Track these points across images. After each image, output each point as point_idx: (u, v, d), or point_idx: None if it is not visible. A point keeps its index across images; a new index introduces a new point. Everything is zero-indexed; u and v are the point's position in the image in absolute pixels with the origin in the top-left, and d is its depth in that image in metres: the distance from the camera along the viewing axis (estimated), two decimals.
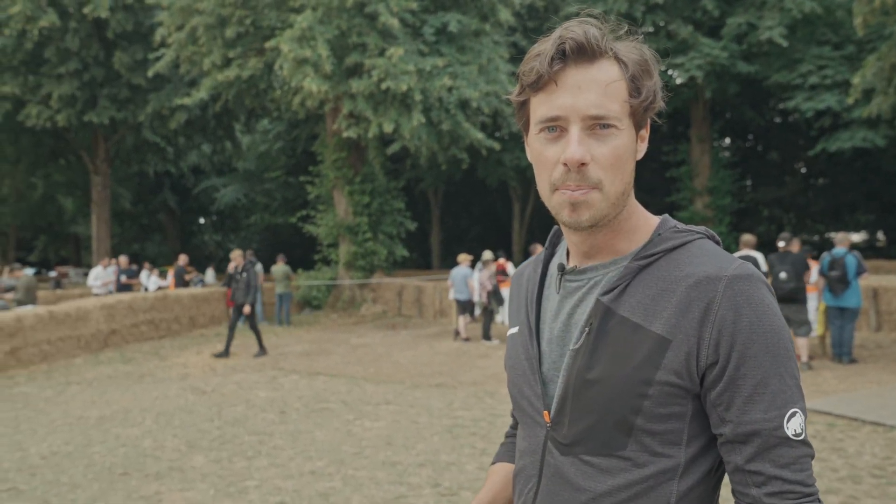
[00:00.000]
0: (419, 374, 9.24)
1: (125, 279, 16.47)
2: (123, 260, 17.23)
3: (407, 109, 14.69)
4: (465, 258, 12.53)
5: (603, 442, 1.00)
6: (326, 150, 18.15)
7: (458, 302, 12.39)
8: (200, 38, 15.54)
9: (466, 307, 12.32)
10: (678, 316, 0.97)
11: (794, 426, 0.94)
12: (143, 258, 34.41)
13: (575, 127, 0.97)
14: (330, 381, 8.86)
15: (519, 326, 1.18)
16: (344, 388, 8.31)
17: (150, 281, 16.64)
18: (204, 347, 12.22)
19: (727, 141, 28.93)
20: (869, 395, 6.97)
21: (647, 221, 1.09)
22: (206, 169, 33.49)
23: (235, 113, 23.85)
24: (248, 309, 10.84)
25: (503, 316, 13.16)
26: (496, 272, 12.44)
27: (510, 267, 13.95)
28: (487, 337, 11.83)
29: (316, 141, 21.12)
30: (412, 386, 8.37)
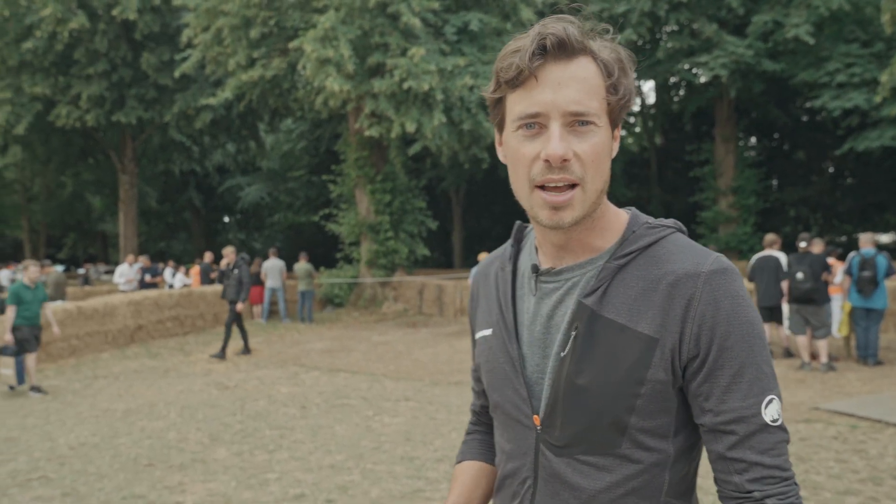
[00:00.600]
0: (438, 371, 9.29)
1: (149, 278, 16.73)
2: (144, 259, 17.53)
3: (428, 109, 14.74)
4: (485, 257, 12.53)
5: (598, 442, 1.02)
6: (349, 149, 18.27)
7: None
8: (226, 38, 15.74)
9: None
10: (662, 314, 0.99)
11: (771, 412, 0.97)
12: (168, 256, 35.00)
13: (555, 123, 0.96)
14: (350, 377, 8.95)
15: (493, 328, 1.15)
16: (364, 384, 8.40)
17: (175, 278, 16.90)
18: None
19: (752, 140, 28.55)
20: (893, 397, 6.87)
21: (617, 217, 1.09)
22: (230, 168, 33.85)
23: (259, 112, 24.11)
24: (240, 306, 10.74)
25: None
26: None
27: None
28: None
29: (338, 140, 21.26)
30: (431, 383, 8.43)
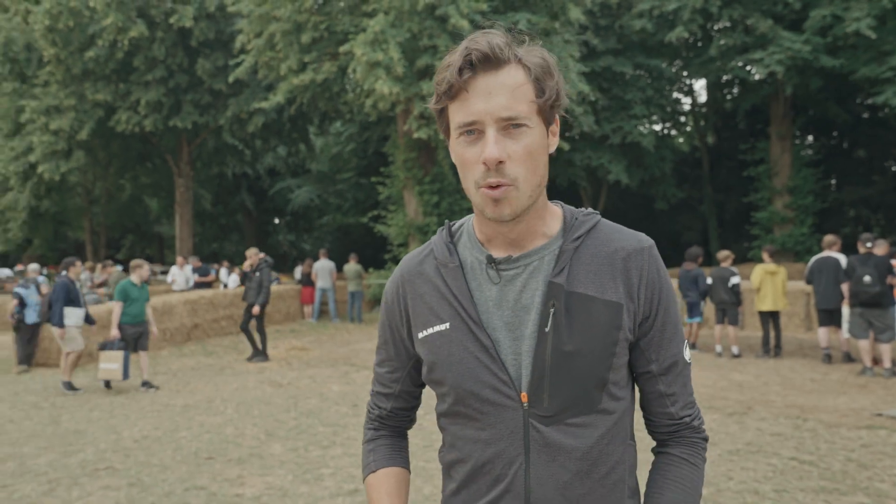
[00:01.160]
0: None
1: (198, 277, 17.15)
2: (194, 259, 18.02)
3: None
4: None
5: (585, 403, 1.14)
6: (397, 150, 18.43)
7: None
8: (278, 44, 16.08)
9: None
10: (623, 283, 1.17)
11: (686, 353, 1.24)
12: (221, 257, 35.85)
13: (490, 129, 1.08)
14: None
15: (449, 322, 1.19)
16: None
17: (229, 278, 17.32)
18: (279, 342, 12.65)
19: (810, 138, 27.68)
20: None
21: (552, 207, 1.24)
22: (281, 170, 34.49)
23: (309, 116, 24.55)
24: (256, 309, 10.45)
25: None
26: None
27: None
28: None
29: (387, 142, 21.47)
30: None
